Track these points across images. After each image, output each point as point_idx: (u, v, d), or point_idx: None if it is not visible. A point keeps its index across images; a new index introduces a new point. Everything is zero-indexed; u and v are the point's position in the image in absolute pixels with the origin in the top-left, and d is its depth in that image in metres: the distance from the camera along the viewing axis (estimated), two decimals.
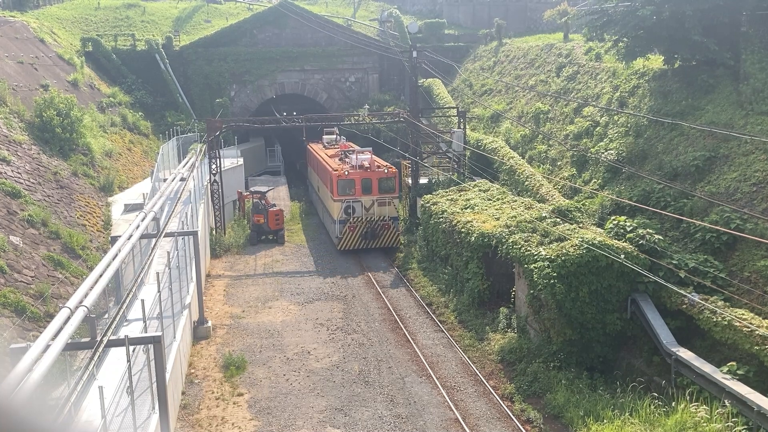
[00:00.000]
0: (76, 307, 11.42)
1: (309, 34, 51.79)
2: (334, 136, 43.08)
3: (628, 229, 20.87)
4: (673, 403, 16.24)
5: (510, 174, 31.72)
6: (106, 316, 17.46)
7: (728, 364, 16.03)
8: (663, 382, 17.53)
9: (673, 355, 17.30)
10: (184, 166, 33.81)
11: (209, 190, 34.39)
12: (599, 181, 27.12)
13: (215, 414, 18.30)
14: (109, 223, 27.74)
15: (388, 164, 34.87)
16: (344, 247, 32.60)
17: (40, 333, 10.65)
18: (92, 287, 12.73)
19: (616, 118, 29.00)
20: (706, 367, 16.32)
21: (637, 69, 29.89)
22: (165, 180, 29.37)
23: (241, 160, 41.43)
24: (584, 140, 30.24)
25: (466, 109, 41.04)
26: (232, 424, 17.80)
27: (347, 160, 35.23)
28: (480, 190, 29.60)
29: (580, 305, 19.22)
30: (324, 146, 41.84)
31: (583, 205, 25.42)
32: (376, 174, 33.03)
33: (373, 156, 35.26)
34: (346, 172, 32.71)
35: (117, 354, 15.33)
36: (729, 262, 19.13)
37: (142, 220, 19.13)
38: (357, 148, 38.29)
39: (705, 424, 14.97)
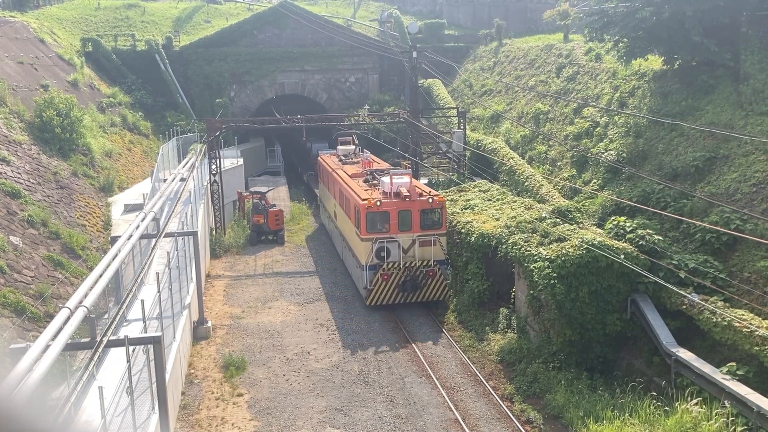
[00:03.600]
0: (76, 308, 11.42)
1: (309, 35, 51.81)
2: (352, 147, 36.33)
3: (628, 230, 20.87)
4: (674, 404, 16.25)
5: (510, 174, 31.73)
6: (106, 316, 17.47)
7: (728, 365, 16.04)
8: (663, 383, 17.54)
9: (672, 355, 17.30)
10: (184, 167, 33.80)
11: (209, 191, 34.38)
12: (599, 181, 27.13)
13: (215, 414, 18.31)
14: (109, 224, 27.75)
15: (431, 190, 26.93)
16: (376, 302, 25.17)
17: (40, 333, 10.65)
18: (92, 287, 12.73)
19: (616, 118, 29.01)
20: (706, 368, 16.32)
21: (636, 69, 29.92)
22: (165, 180, 29.35)
23: (241, 161, 41.41)
24: (584, 141, 30.26)
25: (466, 109, 41.04)
26: (232, 425, 17.80)
27: (376, 183, 27.70)
28: (480, 191, 29.58)
29: (580, 305, 19.23)
30: (340, 160, 34.77)
31: (583, 205, 25.43)
32: (417, 204, 25.06)
33: (412, 179, 27.12)
34: (378, 202, 24.84)
35: (117, 354, 15.33)
36: (729, 263, 19.13)
37: (142, 221, 19.12)
38: (386, 165, 31.89)
39: (704, 424, 14.98)
